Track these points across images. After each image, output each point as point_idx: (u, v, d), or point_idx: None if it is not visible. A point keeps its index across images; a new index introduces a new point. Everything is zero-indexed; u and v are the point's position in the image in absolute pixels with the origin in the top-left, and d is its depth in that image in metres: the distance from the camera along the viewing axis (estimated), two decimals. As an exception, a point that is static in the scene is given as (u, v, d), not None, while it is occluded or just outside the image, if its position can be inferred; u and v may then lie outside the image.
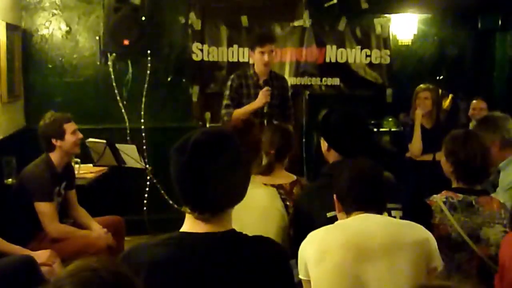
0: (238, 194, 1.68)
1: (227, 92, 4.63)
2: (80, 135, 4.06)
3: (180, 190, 1.63)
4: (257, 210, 2.66)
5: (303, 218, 2.57)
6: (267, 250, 1.70)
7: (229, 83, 4.66)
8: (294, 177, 3.22)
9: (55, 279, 1.19)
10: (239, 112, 4.50)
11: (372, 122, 5.71)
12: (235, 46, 5.88)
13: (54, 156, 3.91)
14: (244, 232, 1.71)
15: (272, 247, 1.74)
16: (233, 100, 4.58)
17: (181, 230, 1.68)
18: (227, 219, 1.68)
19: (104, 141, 5.05)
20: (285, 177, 3.21)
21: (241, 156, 1.65)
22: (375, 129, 5.71)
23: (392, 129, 5.87)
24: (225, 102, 4.61)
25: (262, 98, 4.46)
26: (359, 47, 6.00)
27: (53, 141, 3.88)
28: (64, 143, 3.90)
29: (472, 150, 2.68)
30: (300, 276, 2.08)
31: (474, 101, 5.10)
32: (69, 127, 3.93)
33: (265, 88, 4.47)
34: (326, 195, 2.47)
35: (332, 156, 2.72)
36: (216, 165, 1.58)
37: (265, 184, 2.99)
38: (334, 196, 2.24)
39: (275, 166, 3.19)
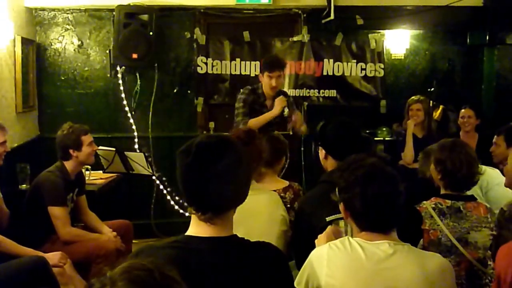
0: (239, 195, 1.68)
1: (240, 104, 4.49)
2: (96, 147, 4.09)
3: (185, 191, 1.64)
4: (263, 215, 2.66)
5: (304, 223, 2.57)
6: (267, 255, 1.70)
7: (242, 96, 4.53)
8: (287, 183, 3.22)
9: (110, 273, 1.14)
10: (256, 120, 4.41)
11: (367, 131, 5.72)
12: (238, 60, 5.91)
13: (69, 165, 3.93)
14: (250, 235, 1.72)
15: (272, 252, 1.74)
16: (247, 113, 4.46)
17: (187, 233, 1.69)
18: (229, 223, 1.69)
19: (114, 149, 5.07)
20: (277, 183, 3.21)
21: (242, 159, 1.66)
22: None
23: (386, 138, 5.88)
24: (240, 111, 4.48)
25: (278, 105, 4.44)
26: (355, 61, 6.01)
27: (70, 151, 3.89)
28: (81, 154, 3.92)
29: (459, 159, 2.68)
30: (297, 286, 2.00)
31: (462, 110, 5.12)
32: (86, 139, 3.95)
33: (280, 97, 4.48)
34: (325, 202, 2.48)
35: (329, 164, 2.73)
36: (218, 166, 1.59)
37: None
38: (342, 205, 2.00)
39: (265, 173, 3.18)
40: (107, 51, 5.69)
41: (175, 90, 5.89)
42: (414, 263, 1.85)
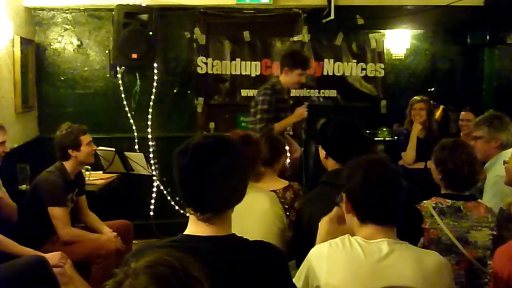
0: (236, 195, 1.69)
1: (265, 107, 4.36)
2: (95, 147, 4.09)
3: (182, 191, 1.65)
4: (259, 213, 2.67)
5: (304, 224, 2.57)
6: (266, 255, 1.70)
7: (266, 98, 4.39)
8: (287, 183, 3.23)
9: (135, 265, 1.13)
10: (280, 125, 4.38)
11: (367, 132, 5.73)
12: (238, 60, 5.91)
13: (68, 165, 3.94)
14: (246, 234, 1.72)
15: (271, 251, 1.74)
16: (272, 118, 4.38)
17: (185, 233, 1.69)
18: (227, 222, 1.69)
19: (114, 149, 5.08)
20: (277, 183, 3.22)
21: (240, 159, 1.67)
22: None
23: (386, 139, 5.89)
24: (265, 116, 4.35)
25: (302, 114, 4.47)
26: (355, 61, 6.02)
27: (69, 151, 3.90)
28: (80, 154, 3.93)
29: (460, 159, 2.69)
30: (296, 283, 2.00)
31: (462, 113, 5.13)
32: (85, 138, 3.96)
33: (304, 105, 4.51)
34: (325, 202, 2.49)
35: (330, 164, 2.73)
36: (215, 167, 1.59)
37: None
38: (344, 196, 2.03)
39: (264, 172, 3.19)
40: (107, 51, 5.70)
41: (175, 90, 5.90)
42: (412, 261, 1.87)
